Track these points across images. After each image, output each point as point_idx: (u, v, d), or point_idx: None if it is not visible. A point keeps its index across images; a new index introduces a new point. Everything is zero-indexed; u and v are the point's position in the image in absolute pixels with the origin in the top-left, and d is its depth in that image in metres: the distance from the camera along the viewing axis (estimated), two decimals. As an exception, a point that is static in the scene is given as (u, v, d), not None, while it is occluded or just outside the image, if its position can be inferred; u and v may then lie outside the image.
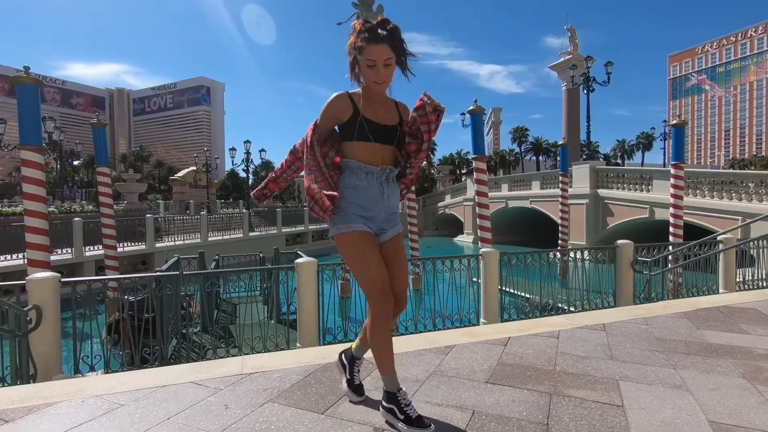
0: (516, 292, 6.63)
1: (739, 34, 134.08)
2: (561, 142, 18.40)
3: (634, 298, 6.66)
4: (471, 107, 8.69)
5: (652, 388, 2.13)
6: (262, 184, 2.18)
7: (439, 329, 5.38)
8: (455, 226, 30.16)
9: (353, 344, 2.12)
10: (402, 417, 1.69)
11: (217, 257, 9.25)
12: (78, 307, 4.02)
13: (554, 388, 2.14)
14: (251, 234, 19.55)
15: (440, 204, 32.60)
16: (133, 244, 14.34)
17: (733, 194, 14.03)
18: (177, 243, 15.42)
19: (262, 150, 28.71)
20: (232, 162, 28.61)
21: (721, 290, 7.39)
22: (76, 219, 12.79)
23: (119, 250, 10.84)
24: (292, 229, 22.45)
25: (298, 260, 4.84)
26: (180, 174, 35.52)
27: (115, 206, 11.33)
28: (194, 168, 36.16)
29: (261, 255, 10.24)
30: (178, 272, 4.73)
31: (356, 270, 1.78)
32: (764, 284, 7.34)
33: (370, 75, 1.72)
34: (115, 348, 5.37)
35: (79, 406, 2.02)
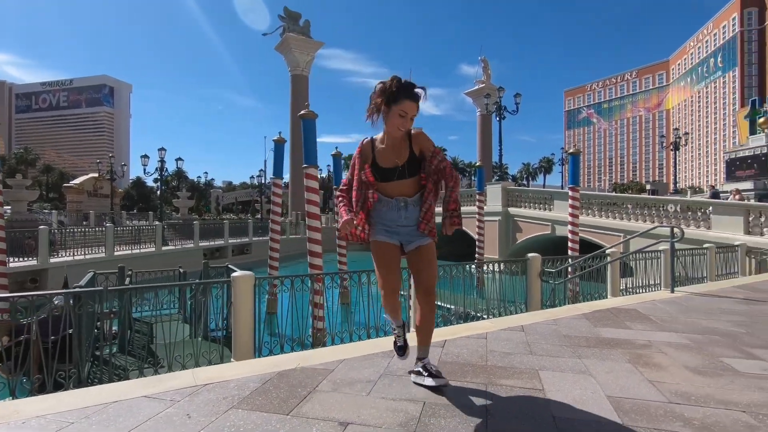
0: (440, 303, 7.13)
1: (619, 77, 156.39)
2: (477, 164, 19.93)
3: (542, 305, 7.52)
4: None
5: (564, 374, 2.58)
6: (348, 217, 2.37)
7: (363, 340, 5.61)
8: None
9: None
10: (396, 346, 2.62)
11: (130, 273, 8.56)
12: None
13: (488, 380, 2.48)
14: (164, 248, 18.19)
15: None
16: (20, 259, 12.60)
17: (616, 214, 16.33)
18: (77, 258, 13.84)
19: (179, 159, 26.87)
20: (144, 170, 26.37)
21: (609, 296, 8.64)
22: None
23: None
24: (211, 243, 21.28)
25: (235, 274, 4.79)
26: (77, 181, 31.81)
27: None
28: (95, 175, 32.66)
29: (181, 270, 9.67)
30: (101, 288, 4.40)
31: (375, 267, 2.39)
32: (639, 290, 8.73)
33: (398, 122, 2.19)
34: (14, 375, 4.77)
35: (20, 428, 1.92)
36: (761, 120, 52.92)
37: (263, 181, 34.72)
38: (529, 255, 7.40)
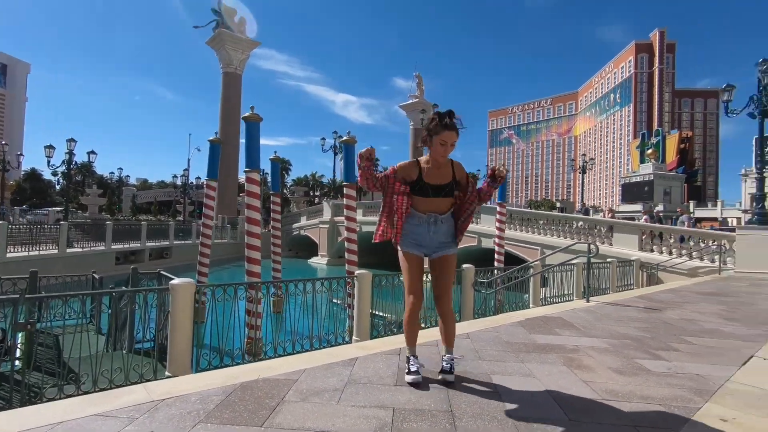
0: (377, 312, 7.26)
1: (536, 103, 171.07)
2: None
3: (474, 313, 7.99)
4: (345, 137, 9.31)
5: (513, 378, 2.83)
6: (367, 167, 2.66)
7: (306, 350, 5.56)
8: (310, 248, 30.37)
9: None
10: (407, 371, 2.69)
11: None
12: None
13: (449, 385, 2.65)
14: (69, 250, 16.31)
15: (295, 225, 32.48)
16: None
17: (535, 229, 17.81)
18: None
19: (92, 152, 24.01)
20: (48, 162, 23.31)
21: (531, 304, 9.42)
22: None
23: None
24: (125, 246, 19.48)
25: (174, 282, 4.52)
26: (-44, 169, 27.38)
27: None
28: (-22, 164, 28.36)
29: (95, 275, 8.80)
30: (17, 296, 3.91)
31: (404, 276, 2.75)
32: (556, 300, 9.63)
33: (440, 150, 2.60)
34: None
35: (-51, 456, 1.70)
36: (649, 151, 60.83)
37: (187, 181, 32.59)
38: (464, 266, 7.84)
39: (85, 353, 4.43)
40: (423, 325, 7.04)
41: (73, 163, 22.81)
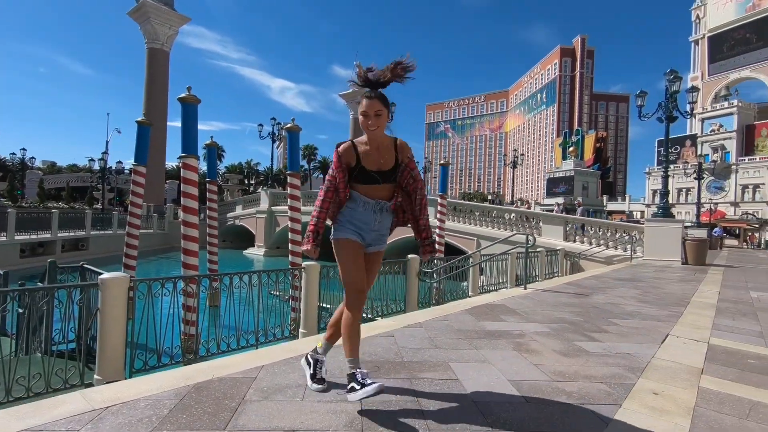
0: (323, 305, 7.17)
1: (470, 99, 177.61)
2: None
3: (418, 303, 8.18)
4: (288, 125, 8.98)
5: (470, 364, 2.93)
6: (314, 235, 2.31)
7: (252, 345, 5.36)
8: (245, 239, 29.21)
9: (318, 344, 2.43)
10: (359, 387, 2.05)
11: None
12: None
13: (410, 374, 2.68)
14: (-40, 241, 14.25)
15: (230, 215, 31.01)
16: None
17: (471, 220, 18.59)
18: None
19: None
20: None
21: (470, 293, 9.85)
22: None
23: None
24: (32, 237, 17.38)
25: (105, 276, 4.10)
26: None
27: None
28: None
29: (-2, 270, 7.76)
30: None
31: (342, 269, 2.29)
32: (492, 288, 10.16)
33: (362, 124, 2.24)
34: None
35: None
36: (570, 149, 65.81)
37: (106, 166, 29.58)
38: (409, 256, 7.98)
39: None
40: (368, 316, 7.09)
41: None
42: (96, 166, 30.64)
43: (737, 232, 41.54)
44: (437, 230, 13.75)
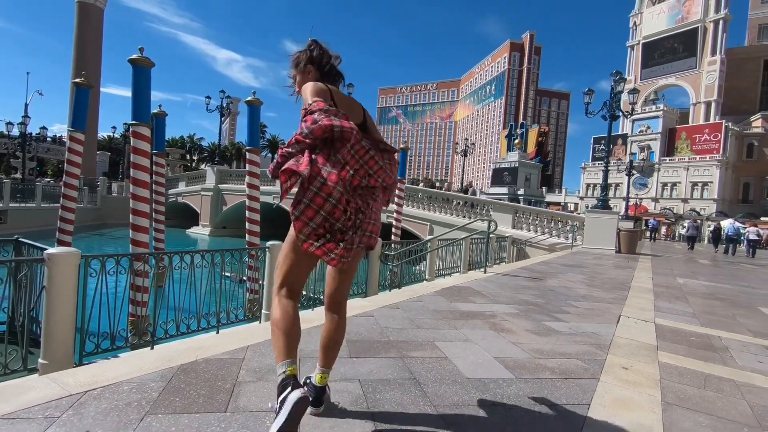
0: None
1: (422, 86, 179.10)
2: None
3: (379, 286, 8.23)
4: (249, 98, 8.51)
5: (454, 343, 3.00)
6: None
7: (213, 326, 5.13)
8: (188, 217, 27.72)
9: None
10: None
11: None
12: None
13: (400, 353, 2.70)
14: None
15: (172, 191, 29.16)
16: None
17: (424, 206, 18.91)
18: None
19: None
20: None
21: (426, 277, 10.08)
22: None
23: None
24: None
25: (51, 251, 3.70)
26: None
27: None
28: None
29: None
30: None
31: None
32: (446, 273, 10.46)
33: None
34: None
35: None
36: (516, 141, 68.63)
37: (25, 131, 26.40)
38: (371, 239, 7.99)
39: None
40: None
41: None
42: (15, 132, 27.39)
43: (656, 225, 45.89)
44: (394, 214, 13.85)
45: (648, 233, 29.42)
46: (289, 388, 1.47)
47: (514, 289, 5.56)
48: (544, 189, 69.26)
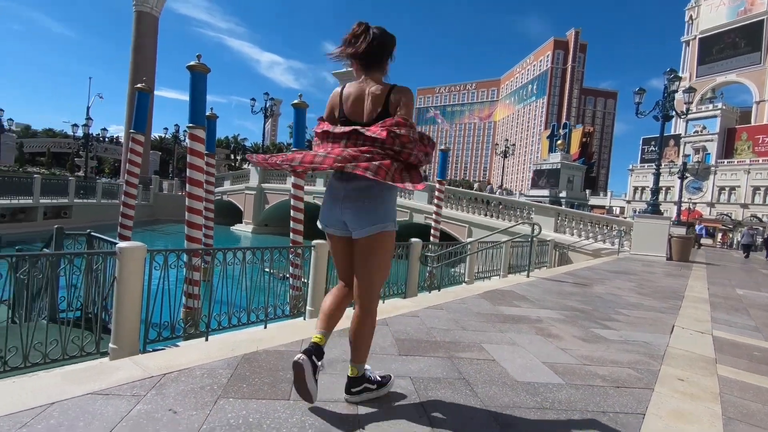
0: (328, 287, 7.20)
1: (461, 86, 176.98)
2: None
3: (418, 287, 8.28)
4: (295, 101, 8.83)
5: (501, 346, 3.02)
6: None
7: (262, 320, 5.36)
8: (233, 215, 28.84)
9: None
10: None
11: None
12: None
13: (448, 354, 2.75)
14: (-62, 203, 13.70)
15: (217, 189, 30.43)
16: None
17: (462, 207, 18.73)
18: None
19: None
20: None
21: (465, 279, 10.02)
22: None
23: None
24: (11, 202, 16.81)
25: (122, 244, 4.02)
26: None
27: None
28: None
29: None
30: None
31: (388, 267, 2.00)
32: (485, 276, 10.35)
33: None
34: None
35: None
36: (559, 142, 66.46)
37: (88, 132, 28.50)
38: (412, 240, 8.04)
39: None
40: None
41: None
42: (79, 133, 29.57)
43: (712, 231, 43.09)
44: (434, 216, 13.83)
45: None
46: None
47: (560, 295, 5.45)
48: (588, 192, 66.63)
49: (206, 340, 3.87)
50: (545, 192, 58.47)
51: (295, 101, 8.81)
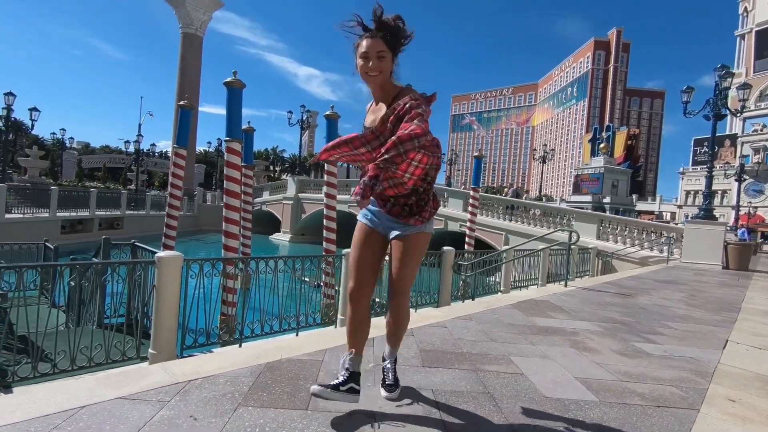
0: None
1: (497, 91, 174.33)
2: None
3: (451, 296, 8.14)
4: (327, 113, 9.01)
5: (531, 359, 2.90)
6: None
7: (294, 328, 5.43)
8: (271, 224, 29.65)
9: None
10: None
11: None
12: None
13: (474, 366, 2.66)
14: (8, 216, 14.94)
15: (257, 200, 31.47)
16: None
17: (498, 215, 18.32)
18: None
19: (35, 109, 21.36)
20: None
21: (501, 288, 9.75)
22: None
23: None
24: (72, 214, 18.09)
25: (161, 254, 4.21)
26: None
27: None
28: None
29: (47, 244, 8.15)
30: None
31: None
32: (522, 285, 10.02)
33: (360, 68, 1.81)
34: None
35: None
36: (602, 145, 63.93)
37: (139, 148, 30.42)
38: (444, 248, 7.93)
39: (40, 328, 4.04)
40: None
41: (11, 119, 20.51)
42: (131, 148, 31.53)
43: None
44: (468, 224, 13.61)
45: None
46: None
47: (599, 305, 5.18)
48: (634, 197, 63.45)
49: (239, 346, 3.97)
50: (588, 198, 56.19)
51: (327, 112, 8.99)
